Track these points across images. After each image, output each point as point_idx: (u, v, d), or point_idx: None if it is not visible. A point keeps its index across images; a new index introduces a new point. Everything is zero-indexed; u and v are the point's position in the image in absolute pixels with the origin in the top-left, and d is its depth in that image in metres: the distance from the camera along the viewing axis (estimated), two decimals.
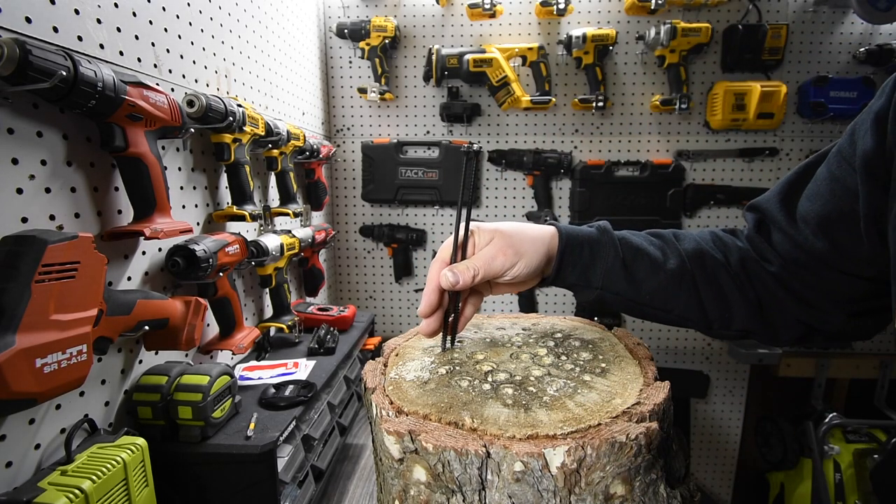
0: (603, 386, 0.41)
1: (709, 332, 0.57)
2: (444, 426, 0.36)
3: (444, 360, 0.47)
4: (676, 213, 1.60)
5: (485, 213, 1.68)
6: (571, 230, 0.54)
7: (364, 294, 1.74)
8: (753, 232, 0.57)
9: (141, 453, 0.54)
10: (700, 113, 1.58)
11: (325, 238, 1.30)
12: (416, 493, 0.35)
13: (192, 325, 0.68)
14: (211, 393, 0.64)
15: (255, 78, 1.06)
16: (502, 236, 0.50)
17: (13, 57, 0.44)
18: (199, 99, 0.72)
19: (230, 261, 0.78)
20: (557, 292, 1.71)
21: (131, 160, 0.61)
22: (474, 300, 0.52)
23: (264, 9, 1.11)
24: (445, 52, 1.50)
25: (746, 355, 1.60)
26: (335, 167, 1.68)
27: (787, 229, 0.52)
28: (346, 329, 1.17)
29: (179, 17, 0.79)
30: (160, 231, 0.63)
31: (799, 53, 1.55)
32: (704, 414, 1.78)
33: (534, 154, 1.58)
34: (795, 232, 0.51)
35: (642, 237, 0.57)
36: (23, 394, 0.43)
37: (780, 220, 0.53)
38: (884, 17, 1.34)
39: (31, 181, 0.53)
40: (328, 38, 1.59)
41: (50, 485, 0.47)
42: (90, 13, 0.60)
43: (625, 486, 0.33)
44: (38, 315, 0.45)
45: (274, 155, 1.05)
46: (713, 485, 1.83)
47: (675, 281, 0.54)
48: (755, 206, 0.57)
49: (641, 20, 1.53)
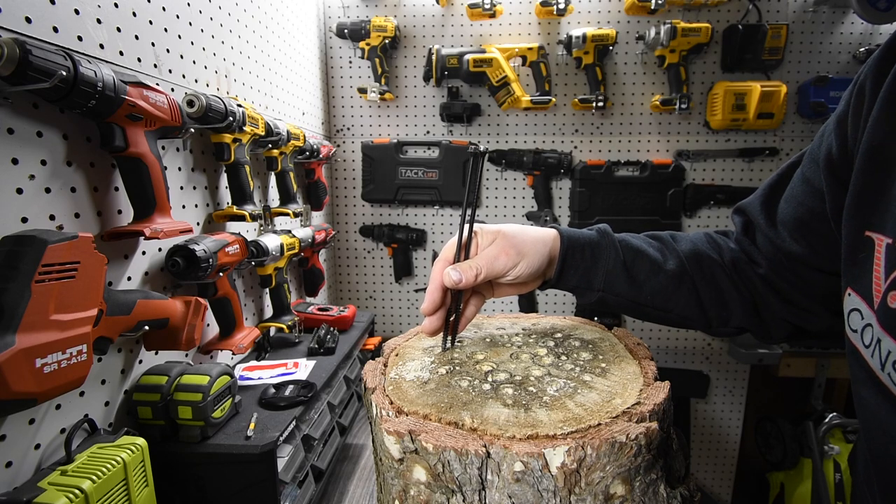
0: (603, 386, 0.41)
1: (707, 331, 0.58)
2: (444, 426, 0.36)
3: (444, 360, 0.47)
4: (676, 213, 1.60)
5: (485, 213, 1.68)
6: (572, 233, 0.55)
7: (364, 294, 1.74)
8: (741, 235, 0.58)
9: (141, 453, 0.54)
10: (700, 113, 1.58)
11: (325, 238, 1.30)
12: (416, 493, 0.35)
13: (192, 325, 0.68)
14: (211, 393, 0.64)
15: (255, 78, 1.06)
16: (505, 237, 0.51)
17: (13, 57, 0.44)
18: (199, 99, 0.72)
19: (230, 261, 0.78)
20: (557, 292, 1.71)
21: (131, 160, 0.61)
22: (476, 301, 0.53)
23: (264, 9, 1.11)
24: (445, 52, 1.50)
25: (746, 355, 1.60)
26: (335, 167, 1.68)
27: (769, 233, 0.53)
28: (346, 329, 1.17)
29: (179, 17, 0.79)
30: (160, 231, 0.63)
31: (799, 53, 1.55)
32: (704, 414, 1.78)
33: (534, 154, 1.58)
34: (775, 235, 0.52)
35: (641, 239, 0.58)
36: (23, 394, 0.43)
37: (762, 224, 0.54)
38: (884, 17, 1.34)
39: (31, 181, 0.53)
40: (328, 38, 1.59)
41: (50, 485, 0.47)
42: (90, 13, 0.60)
43: (625, 486, 0.33)
44: (38, 315, 0.44)
45: (274, 155, 1.05)
46: (713, 485, 1.83)
47: (674, 281, 0.55)
48: (741, 210, 0.58)
49: (641, 20, 1.53)
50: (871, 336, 0.36)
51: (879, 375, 0.35)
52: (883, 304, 0.35)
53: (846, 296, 0.40)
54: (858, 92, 0.41)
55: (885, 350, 0.34)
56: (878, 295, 0.35)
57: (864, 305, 0.37)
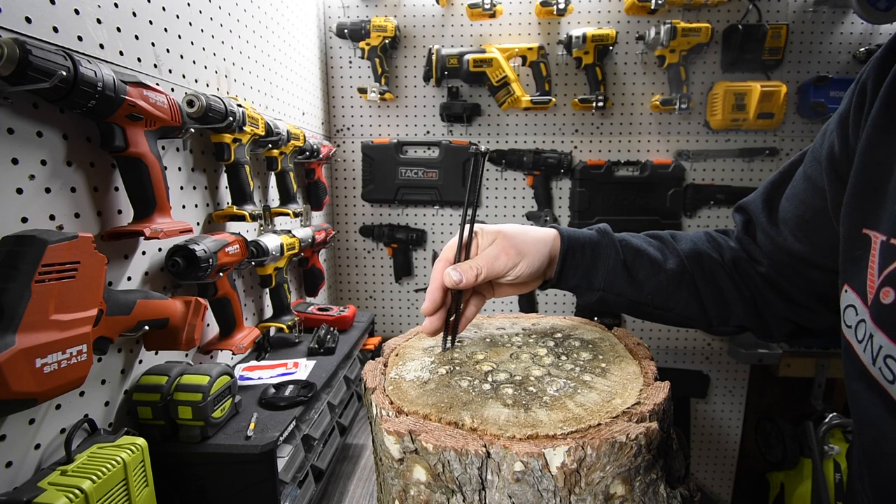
0: (603, 386, 0.41)
1: (708, 329, 0.59)
2: (444, 426, 0.36)
3: (444, 360, 0.47)
4: (676, 213, 1.60)
5: (485, 213, 1.68)
6: (572, 233, 0.55)
7: (364, 294, 1.74)
8: (742, 233, 0.58)
9: (141, 453, 0.54)
10: (700, 113, 1.58)
11: (325, 238, 1.30)
12: (416, 493, 0.35)
13: (192, 325, 0.68)
14: (211, 393, 0.64)
15: (255, 78, 1.06)
16: (505, 237, 0.51)
17: (13, 57, 0.44)
18: (199, 99, 0.72)
19: (230, 261, 0.78)
20: (557, 293, 1.71)
21: (131, 160, 0.61)
22: (476, 301, 0.53)
23: (264, 9, 1.11)
24: (445, 52, 1.50)
25: (746, 355, 1.60)
26: (335, 167, 1.68)
27: (770, 231, 0.53)
28: (346, 329, 1.17)
29: (179, 17, 0.79)
30: (160, 231, 0.63)
31: (799, 53, 1.55)
32: (704, 414, 1.78)
33: (534, 154, 1.58)
34: (777, 234, 0.52)
35: (641, 238, 0.58)
36: (23, 394, 0.43)
37: (763, 222, 0.54)
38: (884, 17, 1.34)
39: (31, 181, 0.53)
40: (328, 38, 1.59)
41: (50, 485, 0.47)
42: (90, 13, 0.60)
43: (625, 486, 0.33)
44: (38, 315, 0.44)
45: (274, 155, 1.05)
46: (713, 485, 1.83)
47: (675, 280, 0.55)
48: (742, 208, 0.59)
49: (641, 20, 1.53)
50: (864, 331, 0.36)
51: (871, 370, 0.35)
52: (875, 301, 0.35)
53: (843, 292, 0.41)
54: (860, 91, 0.41)
55: (876, 345, 0.34)
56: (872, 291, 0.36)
57: (858, 302, 0.38)
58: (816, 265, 0.50)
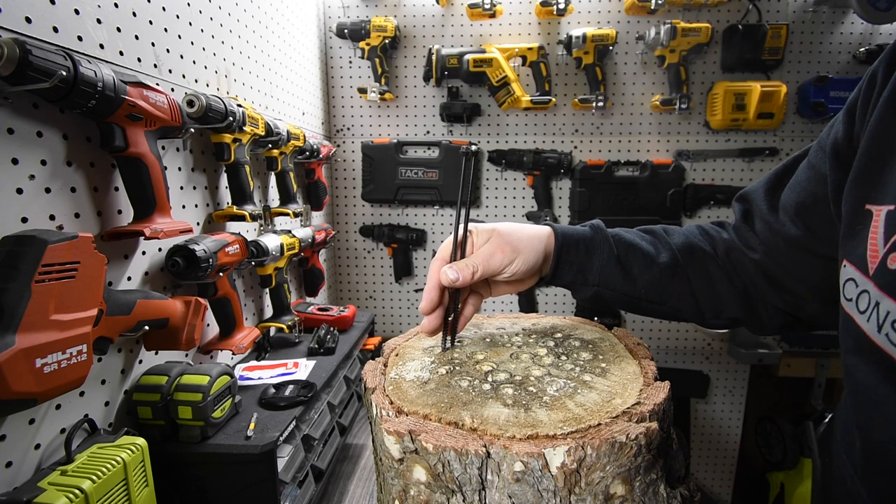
0: (603, 386, 0.41)
1: (701, 322, 0.59)
2: (444, 426, 0.36)
3: (444, 360, 0.47)
4: (676, 213, 1.60)
5: (485, 213, 1.68)
6: (566, 230, 0.56)
7: (364, 294, 1.74)
8: (741, 221, 0.58)
9: (141, 453, 0.54)
10: (700, 113, 1.58)
11: (325, 238, 1.30)
12: (416, 493, 0.35)
13: (192, 325, 0.68)
14: (211, 393, 0.64)
15: (255, 78, 1.06)
16: (500, 235, 0.51)
17: (13, 57, 0.44)
18: (199, 99, 0.72)
19: (230, 261, 0.78)
20: (557, 292, 1.71)
21: (131, 160, 0.61)
22: (474, 300, 0.53)
23: (264, 9, 1.11)
24: (445, 52, 1.50)
25: (746, 355, 1.60)
26: (335, 167, 1.68)
27: (769, 218, 0.54)
28: (346, 329, 1.17)
29: (179, 17, 0.79)
30: (160, 231, 0.63)
31: (799, 53, 1.55)
32: (704, 414, 1.78)
33: (534, 154, 1.58)
34: (775, 220, 0.53)
35: (634, 233, 0.59)
36: (23, 394, 0.43)
37: (763, 210, 0.55)
38: (884, 17, 1.34)
39: (31, 181, 0.53)
40: (328, 38, 1.59)
41: (50, 485, 0.47)
42: (90, 13, 0.60)
43: (625, 486, 0.33)
44: (38, 315, 0.44)
45: (274, 155, 1.05)
46: (713, 485, 1.83)
47: (667, 274, 0.56)
48: (743, 197, 0.59)
49: (641, 20, 1.53)
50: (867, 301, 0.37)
51: (875, 339, 0.36)
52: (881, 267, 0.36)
53: (842, 268, 0.42)
54: (870, 79, 0.42)
55: (883, 311, 0.35)
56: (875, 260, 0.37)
57: (858, 274, 0.38)
58: (811, 250, 0.50)
